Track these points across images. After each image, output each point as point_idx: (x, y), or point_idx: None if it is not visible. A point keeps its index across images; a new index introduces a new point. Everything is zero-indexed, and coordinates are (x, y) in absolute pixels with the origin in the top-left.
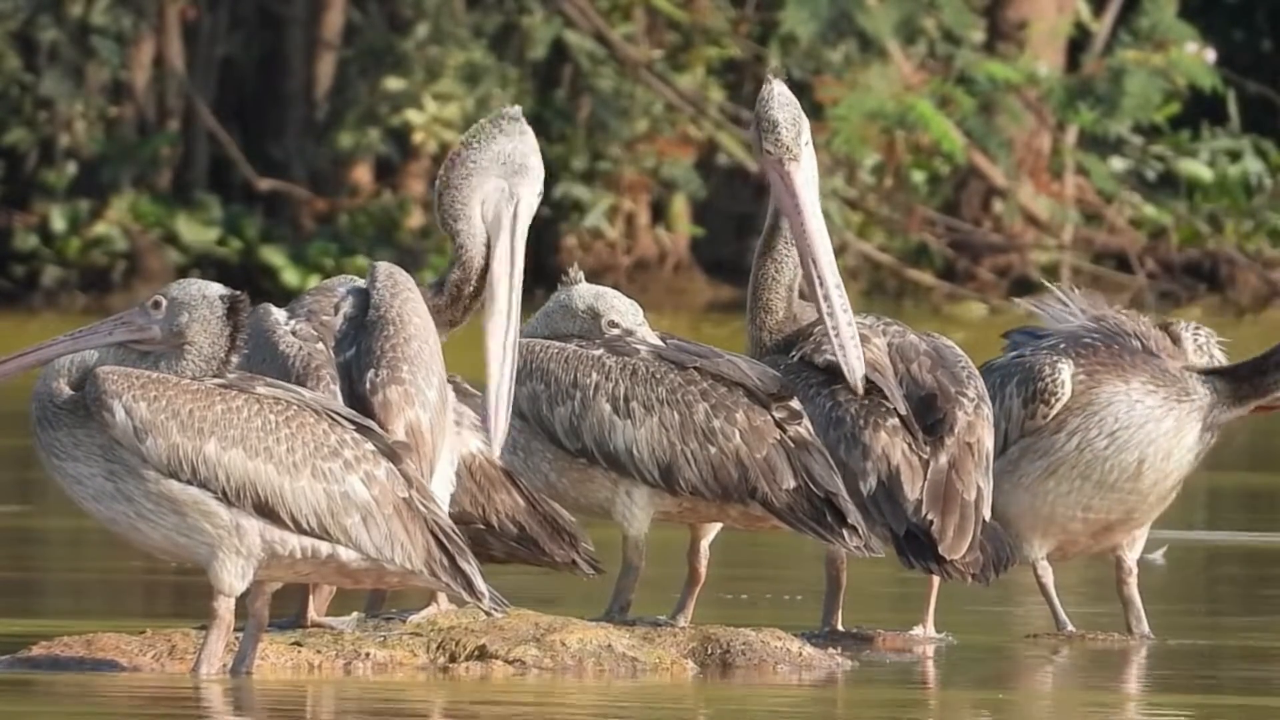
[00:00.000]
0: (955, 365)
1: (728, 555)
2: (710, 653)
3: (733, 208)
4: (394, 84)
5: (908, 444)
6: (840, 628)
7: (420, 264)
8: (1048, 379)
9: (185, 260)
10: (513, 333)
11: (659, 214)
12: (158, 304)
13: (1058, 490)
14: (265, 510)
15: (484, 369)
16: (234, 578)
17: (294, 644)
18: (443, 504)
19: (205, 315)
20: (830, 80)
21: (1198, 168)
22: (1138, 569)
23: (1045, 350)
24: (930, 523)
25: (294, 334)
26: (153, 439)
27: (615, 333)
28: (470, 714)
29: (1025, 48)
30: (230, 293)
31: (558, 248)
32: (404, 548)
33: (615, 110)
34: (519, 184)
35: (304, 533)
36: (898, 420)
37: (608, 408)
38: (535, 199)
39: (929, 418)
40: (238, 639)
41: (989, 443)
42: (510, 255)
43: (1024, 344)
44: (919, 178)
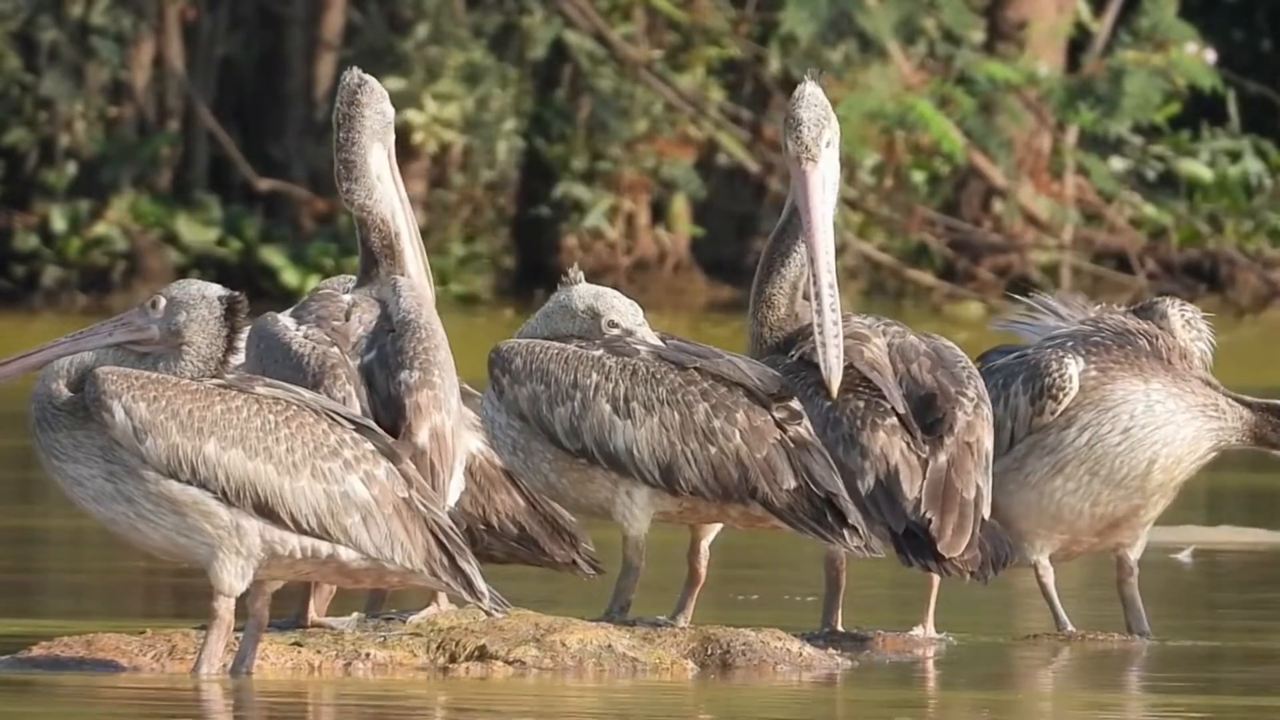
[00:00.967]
0: (955, 365)
1: (728, 555)
2: (710, 653)
3: (733, 208)
4: (394, 84)
5: (906, 443)
6: (840, 628)
7: None
8: (1055, 374)
9: (185, 260)
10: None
11: (659, 214)
12: (156, 304)
13: (1065, 487)
14: (265, 510)
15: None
16: (234, 578)
17: (294, 644)
18: (451, 506)
19: (204, 315)
20: (830, 80)
21: (1198, 168)
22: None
23: (1050, 348)
24: (929, 521)
25: (307, 338)
26: (152, 439)
27: (615, 333)
28: (470, 714)
29: (1025, 48)
30: (229, 293)
31: (558, 248)
32: (404, 547)
33: (615, 110)
34: (387, 136)
35: (304, 533)
36: (895, 420)
37: (608, 408)
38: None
39: (929, 417)
40: (238, 639)
41: (988, 443)
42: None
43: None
44: (919, 178)
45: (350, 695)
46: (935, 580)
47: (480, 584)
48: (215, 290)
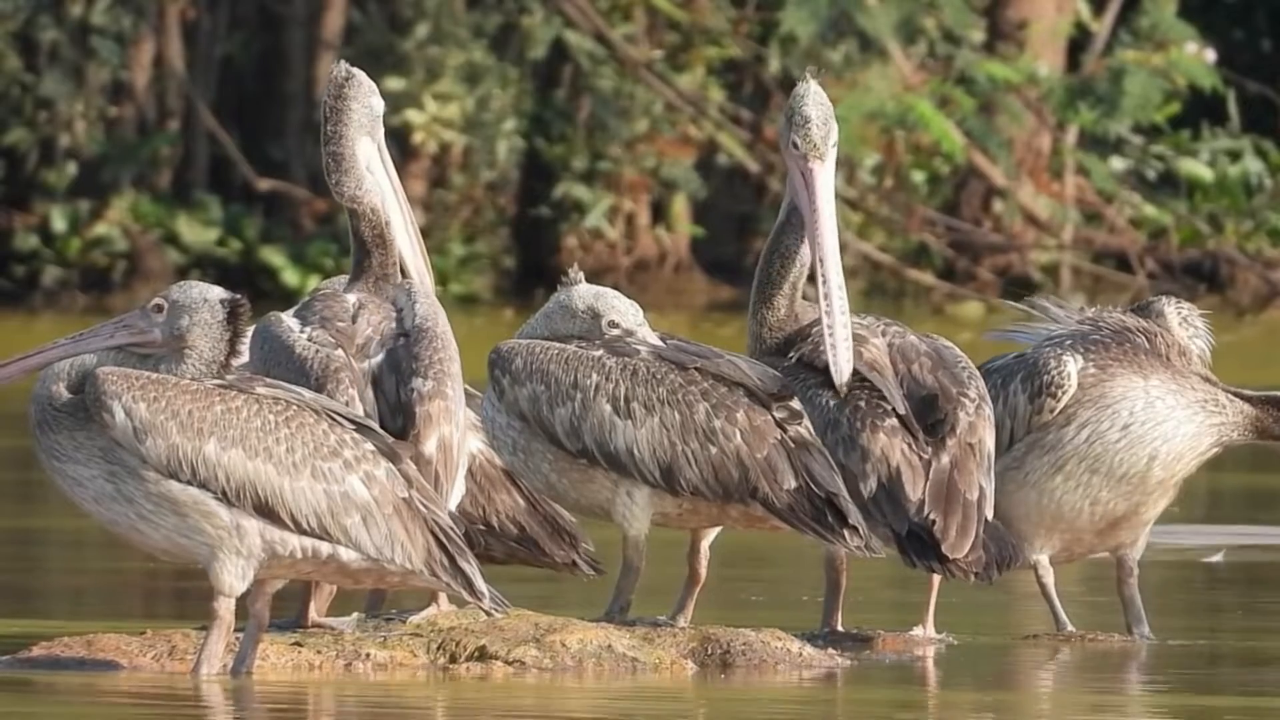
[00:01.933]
0: (955, 366)
1: (728, 555)
2: (710, 653)
3: (733, 208)
4: (394, 84)
5: (907, 444)
6: (840, 628)
7: None
8: (1053, 372)
9: (185, 260)
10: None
11: (659, 214)
12: (159, 307)
13: (1065, 485)
14: (265, 510)
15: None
16: (234, 578)
17: (294, 644)
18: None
19: (206, 319)
20: (830, 80)
21: (1198, 168)
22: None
23: (1049, 346)
24: (933, 522)
25: (311, 340)
26: (152, 440)
27: (615, 333)
28: (470, 714)
29: (1025, 48)
30: (231, 296)
31: (558, 248)
32: (404, 548)
33: (615, 110)
34: (376, 129)
35: (304, 533)
36: (896, 421)
37: (608, 408)
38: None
39: (931, 418)
40: (238, 639)
41: (990, 443)
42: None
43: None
44: (919, 178)
45: (350, 695)
46: (935, 580)
47: (480, 584)
48: (217, 293)
